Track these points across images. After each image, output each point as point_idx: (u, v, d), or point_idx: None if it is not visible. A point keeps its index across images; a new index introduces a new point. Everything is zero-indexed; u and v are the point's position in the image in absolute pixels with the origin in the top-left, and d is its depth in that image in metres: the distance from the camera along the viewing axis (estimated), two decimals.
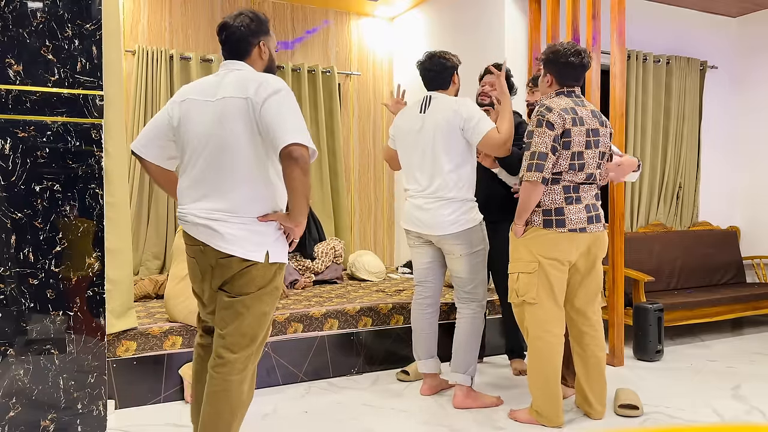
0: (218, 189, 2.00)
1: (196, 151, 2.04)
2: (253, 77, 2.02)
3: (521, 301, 2.73)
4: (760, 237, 5.28)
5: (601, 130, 2.72)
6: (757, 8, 5.21)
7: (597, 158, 2.71)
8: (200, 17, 4.89)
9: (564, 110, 2.63)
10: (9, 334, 2.38)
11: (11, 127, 2.38)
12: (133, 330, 3.01)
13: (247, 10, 2.14)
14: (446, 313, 3.82)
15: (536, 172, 2.60)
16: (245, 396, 2.04)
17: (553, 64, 2.74)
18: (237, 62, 2.10)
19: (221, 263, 2.01)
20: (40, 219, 2.43)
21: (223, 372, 2.00)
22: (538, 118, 2.63)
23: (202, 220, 2.01)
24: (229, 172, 1.99)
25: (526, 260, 2.71)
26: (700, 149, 5.32)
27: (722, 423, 2.81)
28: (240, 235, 1.98)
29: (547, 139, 2.60)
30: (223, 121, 1.99)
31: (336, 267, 4.55)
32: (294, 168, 1.89)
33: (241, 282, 2.02)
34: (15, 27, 2.39)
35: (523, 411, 2.82)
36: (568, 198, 2.68)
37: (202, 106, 2.04)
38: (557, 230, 2.66)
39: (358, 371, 3.53)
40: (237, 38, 2.09)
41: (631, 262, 4.40)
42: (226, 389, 1.98)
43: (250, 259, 1.99)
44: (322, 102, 5.19)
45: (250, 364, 2.05)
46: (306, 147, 1.91)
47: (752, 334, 4.60)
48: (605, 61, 4.24)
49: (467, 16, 4.75)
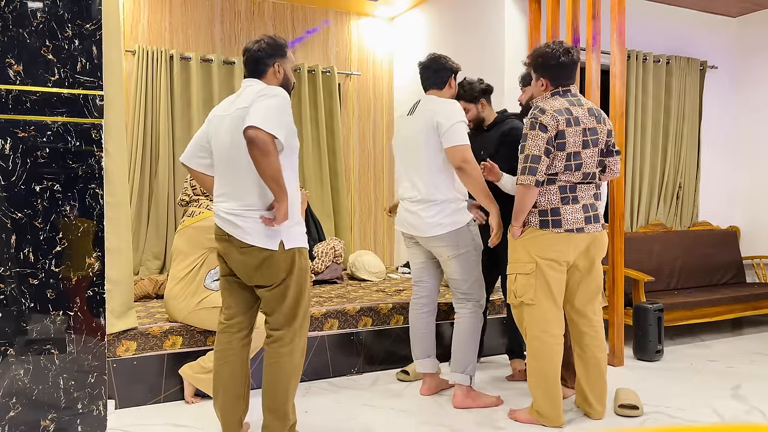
0: (236, 190, 2.31)
1: (220, 158, 2.38)
2: (259, 88, 2.28)
3: (519, 302, 2.73)
4: (760, 237, 5.28)
5: (599, 128, 2.70)
6: (757, 8, 5.21)
7: (596, 157, 2.69)
8: (200, 17, 4.89)
9: (558, 111, 2.62)
10: (9, 334, 2.38)
11: (11, 127, 2.38)
12: (133, 330, 3.01)
13: (267, 36, 2.42)
14: (446, 312, 3.82)
15: (529, 176, 2.60)
16: (297, 363, 2.37)
17: (545, 68, 2.72)
18: (252, 80, 2.39)
19: (243, 252, 2.30)
20: (40, 219, 2.43)
21: (274, 346, 2.35)
22: (531, 121, 2.63)
23: (226, 215, 2.32)
24: (242, 176, 2.29)
25: (524, 261, 2.71)
26: (700, 149, 5.32)
27: (722, 423, 2.81)
28: (256, 228, 2.26)
29: (540, 141, 2.59)
30: (235, 131, 2.27)
31: (336, 267, 4.55)
32: (251, 149, 2.12)
33: (268, 273, 2.29)
34: (15, 27, 2.39)
35: (524, 411, 2.82)
36: (565, 198, 2.67)
37: (221, 120, 2.38)
38: (554, 230, 2.65)
39: (358, 371, 3.53)
40: (254, 59, 2.39)
41: (631, 262, 4.40)
42: (278, 361, 2.33)
43: (266, 248, 2.26)
44: (322, 102, 5.19)
45: (296, 337, 2.36)
46: (263, 131, 2.10)
47: (752, 334, 4.60)
48: (605, 61, 4.24)
49: (467, 16, 4.75)
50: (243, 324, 2.47)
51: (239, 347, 2.46)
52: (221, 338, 2.47)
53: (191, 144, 2.54)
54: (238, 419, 2.46)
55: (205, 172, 2.52)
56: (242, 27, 5.04)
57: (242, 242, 2.28)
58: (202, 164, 2.51)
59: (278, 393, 2.33)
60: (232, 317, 2.47)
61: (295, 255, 2.32)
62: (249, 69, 2.41)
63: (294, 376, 2.35)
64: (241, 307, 2.47)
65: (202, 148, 2.49)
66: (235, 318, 2.46)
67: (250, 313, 2.49)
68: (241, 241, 2.28)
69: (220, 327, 2.48)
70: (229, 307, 2.48)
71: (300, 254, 2.35)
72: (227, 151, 2.33)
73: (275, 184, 2.17)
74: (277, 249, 2.27)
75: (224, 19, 4.98)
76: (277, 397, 2.33)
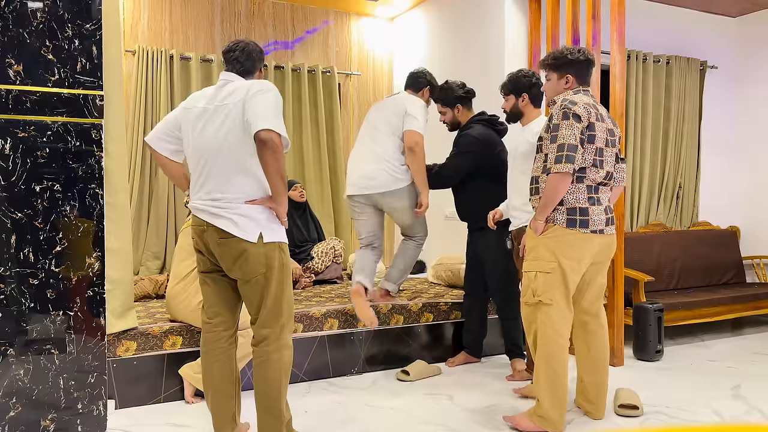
0: (216, 183, 2.31)
1: (199, 150, 2.34)
2: (245, 84, 2.32)
3: (537, 300, 2.64)
4: (760, 237, 5.28)
5: (615, 131, 2.71)
6: (757, 8, 5.21)
7: (613, 158, 2.68)
8: (200, 17, 4.89)
9: (588, 104, 2.60)
10: (9, 334, 2.38)
11: (11, 127, 2.38)
12: (133, 330, 3.01)
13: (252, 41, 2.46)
14: (446, 312, 3.83)
15: (567, 164, 2.51)
16: (286, 360, 2.37)
17: (570, 65, 2.71)
18: (234, 75, 2.40)
19: (221, 243, 2.30)
20: (40, 219, 2.43)
21: (261, 346, 2.35)
22: (564, 111, 2.56)
23: (205, 206, 2.33)
24: (224, 168, 2.29)
25: (545, 259, 2.63)
26: (700, 149, 5.32)
27: (722, 423, 2.81)
28: (235, 219, 2.27)
29: (576, 131, 2.53)
30: (218, 124, 2.29)
31: (336, 267, 4.55)
32: (264, 150, 2.17)
33: (246, 266, 2.29)
34: (15, 27, 2.39)
35: (524, 417, 2.71)
36: (591, 198, 2.62)
37: (203, 112, 2.35)
38: (580, 230, 2.59)
39: (358, 371, 3.53)
40: (250, 56, 2.41)
41: (631, 262, 4.40)
42: (267, 360, 2.34)
43: (244, 239, 2.26)
44: (322, 102, 5.20)
45: (283, 335, 2.36)
46: (275, 132, 2.16)
47: (752, 334, 4.60)
48: (605, 61, 4.24)
49: (467, 16, 4.75)
50: (228, 323, 2.47)
51: (226, 345, 2.46)
52: (208, 338, 2.46)
53: (159, 127, 2.49)
54: (231, 416, 2.46)
55: (169, 157, 2.49)
56: (242, 27, 5.04)
57: (221, 232, 2.28)
58: (167, 149, 2.48)
59: (271, 392, 2.33)
60: (215, 316, 2.46)
61: (274, 250, 2.32)
62: (241, 63, 2.39)
63: (284, 373, 2.36)
64: (224, 305, 2.46)
65: (170, 134, 2.46)
66: (218, 317, 2.45)
67: (234, 310, 2.49)
68: (220, 231, 2.28)
69: (205, 327, 2.47)
70: (211, 305, 2.47)
71: (281, 250, 2.35)
72: (209, 142, 2.30)
73: (281, 180, 2.23)
74: (255, 241, 2.27)
75: (224, 19, 4.98)
76: (270, 396, 2.33)
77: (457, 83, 3.61)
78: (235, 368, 2.49)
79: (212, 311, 2.47)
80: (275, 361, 2.34)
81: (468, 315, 3.70)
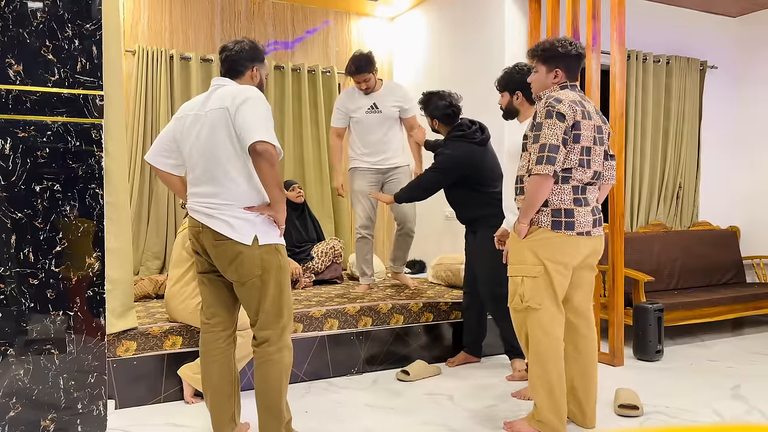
0: (211, 187, 2.33)
1: (194, 156, 2.37)
2: (231, 90, 2.32)
3: (525, 306, 2.55)
4: (760, 237, 5.28)
5: (604, 128, 2.62)
6: (757, 8, 5.21)
7: (601, 157, 2.60)
8: (200, 17, 4.89)
9: (574, 102, 2.50)
10: (9, 334, 2.39)
11: (11, 127, 2.38)
12: (133, 330, 3.01)
13: (248, 39, 2.46)
14: (446, 312, 3.83)
15: (547, 165, 2.41)
16: (286, 361, 2.39)
17: (561, 59, 2.60)
18: (224, 79, 2.42)
19: (217, 245, 2.31)
20: (40, 219, 2.43)
21: (263, 347, 2.37)
22: (547, 109, 2.47)
23: (202, 208, 2.35)
24: (217, 173, 2.31)
25: (531, 263, 2.53)
26: (700, 149, 5.32)
27: (722, 423, 2.81)
28: (230, 222, 2.29)
29: (558, 130, 2.43)
30: (210, 130, 2.31)
31: (336, 267, 4.55)
32: (260, 161, 2.20)
33: (242, 269, 2.30)
34: (15, 27, 2.39)
35: (523, 422, 2.66)
36: (577, 200, 2.53)
37: (196, 119, 2.37)
38: (566, 233, 2.50)
39: (358, 371, 3.53)
40: (234, 59, 2.41)
41: (631, 262, 4.40)
42: (268, 361, 2.35)
43: (240, 241, 2.28)
44: (322, 102, 5.19)
45: (283, 336, 2.38)
46: (270, 144, 2.19)
47: (752, 334, 4.60)
48: (605, 61, 4.24)
49: (467, 16, 4.75)
50: (225, 323, 2.48)
51: (224, 345, 2.47)
52: (206, 338, 2.47)
53: (156, 143, 2.52)
54: (230, 416, 2.47)
55: (170, 172, 2.51)
56: (242, 27, 5.04)
57: (216, 235, 2.30)
58: (166, 164, 2.50)
59: (271, 392, 2.36)
60: (213, 316, 2.47)
61: (270, 252, 2.33)
62: (227, 68, 2.42)
63: (285, 373, 2.38)
64: (221, 305, 2.47)
65: (166, 148, 2.48)
66: (216, 317, 2.47)
67: (232, 311, 2.50)
68: (215, 234, 2.30)
69: (203, 327, 2.48)
70: (209, 306, 2.48)
71: (277, 252, 2.36)
72: (203, 147, 2.32)
73: (278, 189, 2.26)
74: (250, 244, 2.28)
75: (224, 19, 4.98)
76: (270, 397, 2.35)
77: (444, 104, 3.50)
78: (233, 368, 2.49)
79: (210, 312, 2.48)
80: (276, 362, 2.36)
81: (466, 312, 3.70)
